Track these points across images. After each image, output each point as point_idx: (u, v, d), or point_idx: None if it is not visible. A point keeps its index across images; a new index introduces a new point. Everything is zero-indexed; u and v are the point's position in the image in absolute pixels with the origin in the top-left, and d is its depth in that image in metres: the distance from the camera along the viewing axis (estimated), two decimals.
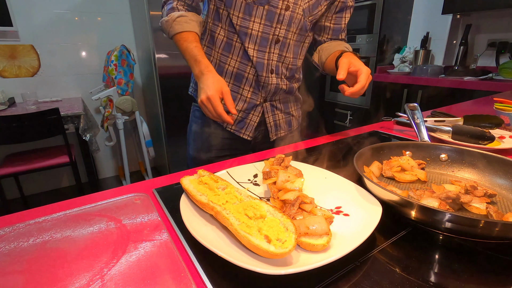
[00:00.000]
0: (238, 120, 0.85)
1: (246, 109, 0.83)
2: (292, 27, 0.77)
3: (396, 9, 2.59)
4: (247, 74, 0.80)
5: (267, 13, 0.74)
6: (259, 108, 0.84)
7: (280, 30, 0.77)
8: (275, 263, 0.33)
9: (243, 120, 0.85)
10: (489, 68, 2.29)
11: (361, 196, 0.45)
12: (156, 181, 0.58)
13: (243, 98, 0.83)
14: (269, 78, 0.80)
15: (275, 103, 0.87)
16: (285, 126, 0.92)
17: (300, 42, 0.83)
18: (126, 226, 0.42)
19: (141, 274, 0.33)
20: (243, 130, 0.86)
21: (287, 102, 0.92)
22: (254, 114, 0.85)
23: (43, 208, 0.48)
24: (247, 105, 0.83)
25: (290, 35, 0.79)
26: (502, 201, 0.48)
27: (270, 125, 0.88)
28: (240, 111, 0.84)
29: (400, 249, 0.37)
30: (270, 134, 0.90)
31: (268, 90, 0.82)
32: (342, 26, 0.90)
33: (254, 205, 0.39)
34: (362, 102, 2.84)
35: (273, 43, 0.78)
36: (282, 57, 0.81)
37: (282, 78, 0.84)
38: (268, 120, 0.87)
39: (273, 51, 0.79)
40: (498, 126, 0.82)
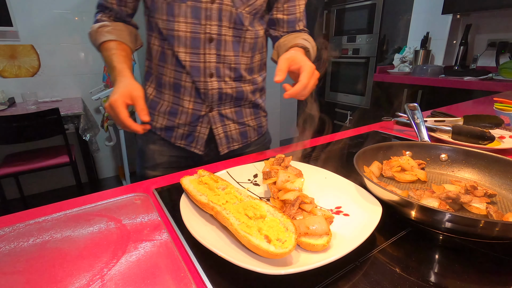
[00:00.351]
0: (186, 134, 0.76)
1: (191, 121, 0.75)
2: (224, 21, 0.67)
3: (396, 9, 2.59)
4: (184, 82, 0.71)
5: (191, 10, 0.65)
6: (206, 119, 0.75)
7: (211, 27, 0.67)
8: (275, 263, 0.33)
9: (191, 134, 0.76)
10: (489, 68, 2.29)
11: (361, 196, 0.45)
12: (156, 181, 0.58)
13: (185, 110, 0.74)
14: (209, 83, 0.71)
15: (224, 111, 0.76)
16: (239, 138, 0.81)
17: (239, 37, 0.71)
18: (126, 226, 0.42)
19: (141, 274, 0.33)
20: (194, 144, 0.77)
21: (241, 110, 0.80)
22: (202, 126, 0.75)
23: (43, 208, 0.48)
24: (191, 117, 0.74)
25: (224, 31, 0.68)
26: (502, 201, 0.48)
27: (219, 137, 0.78)
28: (186, 125, 0.75)
29: (400, 249, 0.37)
30: (219, 147, 0.79)
31: (211, 97, 0.72)
32: (296, 15, 0.78)
33: (254, 205, 0.39)
34: (362, 102, 2.84)
35: (206, 43, 0.68)
36: (221, 57, 0.70)
37: (226, 81, 0.73)
38: (216, 131, 0.77)
39: (208, 52, 0.69)
40: (498, 126, 0.82)
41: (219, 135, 0.78)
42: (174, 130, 0.76)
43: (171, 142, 0.78)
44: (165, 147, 0.79)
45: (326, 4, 3.01)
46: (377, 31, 2.57)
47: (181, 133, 0.76)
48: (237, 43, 0.72)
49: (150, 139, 0.80)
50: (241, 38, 0.72)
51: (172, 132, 0.77)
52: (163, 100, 0.75)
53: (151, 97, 0.77)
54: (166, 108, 0.75)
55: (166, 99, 0.75)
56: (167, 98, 0.75)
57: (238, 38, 0.72)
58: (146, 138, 0.80)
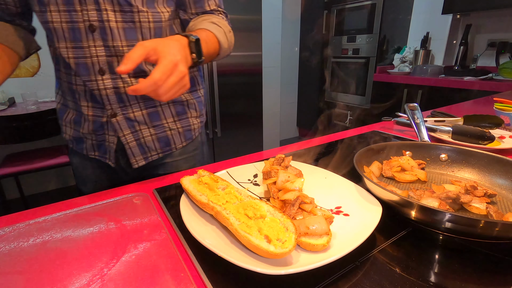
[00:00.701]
0: (97, 145, 0.66)
1: (94, 130, 0.64)
2: (103, 4, 0.54)
3: (396, 9, 2.59)
4: (75, 85, 0.60)
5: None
6: (111, 126, 0.63)
7: (89, 13, 0.54)
8: (275, 263, 0.33)
9: (101, 144, 0.66)
10: (489, 68, 2.29)
11: (361, 196, 0.45)
12: (156, 181, 0.58)
13: (86, 118, 0.63)
14: (100, 81, 0.58)
15: (132, 115, 0.63)
16: (157, 146, 0.68)
17: (131, 22, 0.57)
18: (126, 226, 0.42)
19: (141, 274, 0.33)
20: (107, 156, 0.66)
21: (157, 111, 0.66)
22: (109, 135, 0.64)
23: (43, 208, 0.48)
24: (93, 125, 0.63)
25: (107, 15, 0.55)
26: (502, 201, 0.48)
27: (129, 146, 0.64)
28: (91, 134, 0.65)
29: (400, 249, 0.37)
30: (131, 159, 0.66)
31: (106, 99, 0.60)
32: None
33: (254, 205, 0.39)
34: (362, 102, 2.84)
35: (88, 33, 0.55)
36: (111, 48, 0.57)
37: (123, 78, 0.60)
38: (125, 140, 0.64)
39: (93, 44, 0.56)
40: (498, 126, 0.82)
41: (129, 144, 0.65)
42: (83, 141, 0.67)
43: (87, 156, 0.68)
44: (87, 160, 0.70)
45: (326, 4, 3.01)
46: (377, 31, 2.57)
47: (91, 143, 0.66)
48: (130, 30, 0.58)
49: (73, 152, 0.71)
50: (135, 23, 0.58)
51: (82, 143, 0.67)
52: (68, 107, 0.66)
53: (59, 105, 0.68)
54: (72, 116, 0.66)
55: (70, 106, 0.65)
56: (71, 105, 0.64)
57: (130, 23, 0.57)
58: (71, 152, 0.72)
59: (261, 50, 2.43)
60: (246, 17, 2.27)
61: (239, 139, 2.56)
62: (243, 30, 2.29)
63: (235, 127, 2.51)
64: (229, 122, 2.45)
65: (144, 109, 0.65)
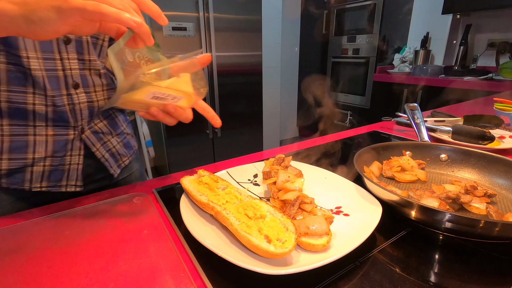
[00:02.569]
0: (47, 172, 0.55)
1: (55, 152, 0.55)
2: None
3: (396, 9, 2.59)
4: (31, 105, 0.51)
5: None
6: (78, 144, 0.57)
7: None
8: (275, 263, 0.33)
9: (56, 169, 0.56)
10: (489, 68, 2.29)
11: (361, 196, 0.45)
12: (156, 181, 0.58)
13: (41, 140, 0.53)
14: (75, 96, 0.54)
15: (97, 127, 0.61)
16: (126, 151, 0.68)
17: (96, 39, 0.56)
18: (126, 226, 0.42)
19: (141, 274, 0.33)
20: (64, 182, 0.57)
21: (114, 119, 0.65)
22: (72, 155, 0.57)
23: (43, 208, 0.48)
24: (53, 146, 0.54)
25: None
26: (502, 201, 0.48)
27: (104, 158, 0.62)
28: (46, 158, 0.54)
29: (400, 249, 0.37)
30: (110, 170, 0.64)
31: (79, 114, 0.55)
32: None
33: (254, 205, 0.39)
34: (362, 102, 2.85)
35: (61, 44, 0.51)
36: (86, 62, 0.55)
37: (97, 92, 0.58)
38: (99, 154, 0.61)
39: (66, 56, 0.52)
40: (498, 126, 0.82)
41: (104, 157, 0.62)
42: (25, 172, 0.53)
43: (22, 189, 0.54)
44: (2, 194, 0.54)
45: (326, 4, 3.02)
46: (377, 31, 2.57)
47: (40, 172, 0.55)
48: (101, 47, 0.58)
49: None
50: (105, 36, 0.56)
51: (23, 175, 0.53)
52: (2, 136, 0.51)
53: None
54: (1, 144, 0.51)
55: (7, 133, 0.51)
56: (9, 131, 0.51)
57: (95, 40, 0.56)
58: None
59: (261, 50, 2.43)
60: (246, 17, 2.27)
61: (239, 139, 2.57)
62: (243, 30, 2.29)
63: (235, 127, 2.51)
64: (229, 122, 2.46)
65: (104, 119, 0.63)
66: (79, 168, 0.58)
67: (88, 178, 0.63)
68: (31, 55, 0.48)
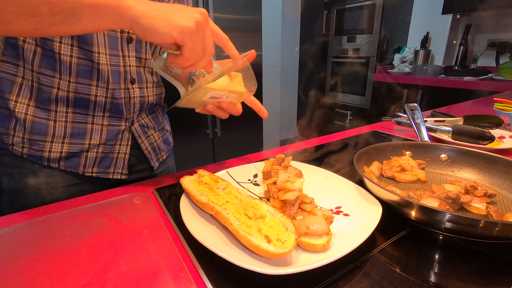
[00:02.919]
0: (100, 158, 0.61)
1: (107, 140, 0.61)
2: None
3: (396, 9, 2.59)
4: (93, 96, 0.56)
5: None
6: (127, 134, 0.63)
7: None
8: (275, 263, 0.33)
9: (106, 156, 0.62)
10: (489, 68, 2.29)
11: (361, 196, 0.45)
12: (156, 181, 0.58)
13: (97, 128, 0.59)
14: (130, 90, 0.59)
15: (144, 121, 0.67)
16: (164, 147, 0.74)
17: None
18: (126, 226, 0.42)
19: (141, 274, 0.33)
20: (111, 169, 0.63)
21: (157, 116, 0.72)
22: (121, 144, 0.63)
23: (43, 208, 0.48)
24: (107, 135, 0.60)
25: None
26: (502, 201, 0.48)
27: (147, 151, 0.68)
28: (100, 145, 0.60)
29: (400, 249, 0.37)
30: (151, 163, 0.70)
31: (132, 107, 0.61)
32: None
33: (254, 205, 0.39)
34: (362, 102, 2.85)
35: (124, 43, 0.56)
36: (142, 60, 0.61)
37: (148, 88, 0.64)
38: (143, 146, 0.67)
39: (127, 54, 0.57)
40: (498, 126, 0.82)
41: (147, 149, 0.68)
42: (81, 157, 0.59)
43: (75, 173, 0.60)
44: (56, 176, 0.59)
45: (326, 4, 3.02)
46: (377, 31, 2.57)
47: (93, 157, 0.60)
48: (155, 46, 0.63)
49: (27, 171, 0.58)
50: None
51: (78, 159, 0.59)
52: (56, 120, 0.56)
53: (30, 118, 0.54)
54: (65, 130, 0.56)
55: (62, 119, 0.56)
56: (63, 117, 0.56)
57: None
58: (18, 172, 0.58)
59: (261, 50, 2.43)
60: (246, 17, 2.27)
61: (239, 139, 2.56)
62: (243, 30, 2.29)
63: (235, 127, 2.51)
64: (229, 122, 2.45)
65: (149, 114, 0.69)
66: (126, 157, 0.64)
67: (132, 168, 0.68)
68: (101, 51, 0.53)
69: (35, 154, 0.56)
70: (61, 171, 0.59)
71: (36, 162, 0.57)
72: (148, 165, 0.71)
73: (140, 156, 0.69)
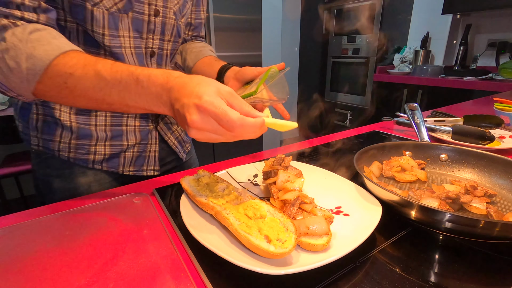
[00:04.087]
0: (136, 157, 0.68)
1: (141, 140, 0.67)
2: (166, 35, 0.64)
3: (396, 9, 2.59)
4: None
5: (132, 22, 0.57)
6: (154, 133, 0.69)
7: (154, 41, 0.62)
8: (275, 263, 0.33)
9: (140, 155, 0.68)
10: (489, 68, 2.29)
11: (361, 196, 0.45)
12: (156, 181, 0.58)
13: (130, 129, 0.65)
14: None
15: (167, 118, 0.73)
16: (187, 138, 0.82)
17: (174, 50, 0.70)
18: (126, 226, 0.42)
19: (141, 274, 0.33)
20: (145, 167, 0.70)
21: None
22: (151, 143, 0.69)
23: (43, 208, 0.48)
24: (140, 135, 0.66)
25: (165, 45, 0.66)
26: (502, 201, 0.48)
27: (175, 145, 0.75)
28: (135, 145, 0.66)
29: (400, 249, 0.37)
30: (180, 155, 0.77)
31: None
32: (201, 20, 0.79)
33: (254, 205, 0.39)
34: (362, 102, 2.85)
35: (148, 57, 0.63)
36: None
37: None
38: (170, 141, 0.74)
39: (151, 66, 0.65)
40: (498, 126, 0.82)
41: (174, 144, 0.75)
42: (120, 157, 0.65)
43: (115, 172, 0.66)
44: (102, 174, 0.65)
45: (326, 4, 3.01)
46: (377, 31, 2.57)
47: (130, 157, 0.67)
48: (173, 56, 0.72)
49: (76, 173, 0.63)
50: (175, 50, 0.71)
51: (118, 159, 0.65)
52: (97, 125, 0.61)
53: (74, 124, 0.58)
54: (105, 133, 0.62)
55: (101, 123, 0.61)
56: (103, 121, 0.61)
57: (174, 50, 0.70)
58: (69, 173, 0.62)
59: (261, 50, 2.43)
60: (246, 17, 2.27)
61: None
62: (243, 30, 2.28)
63: None
64: None
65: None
66: (156, 155, 0.70)
67: (162, 161, 0.74)
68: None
69: (81, 157, 0.61)
70: (104, 171, 0.65)
71: (82, 165, 0.62)
72: (176, 156, 0.78)
73: (168, 150, 0.75)
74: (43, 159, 0.62)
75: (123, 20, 0.56)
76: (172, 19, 0.64)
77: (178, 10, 0.65)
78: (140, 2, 0.57)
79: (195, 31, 0.80)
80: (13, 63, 0.39)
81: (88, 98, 0.42)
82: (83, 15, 0.51)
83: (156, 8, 0.60)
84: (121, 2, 0.53)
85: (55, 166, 0.62)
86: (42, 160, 0.62)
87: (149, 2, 0.58)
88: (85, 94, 0.42)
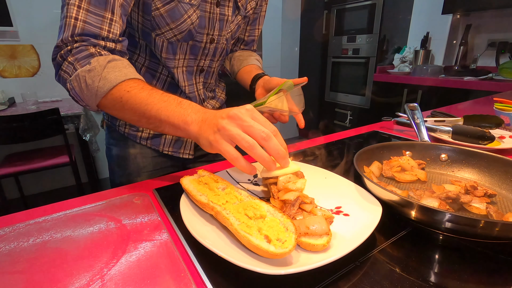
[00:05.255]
0: (174, 140, 0.79)
1: None
2: (216, 56, 0.77)
3: (396, 9, 2.59)
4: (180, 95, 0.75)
5: (191, 48, 0.70)
6: None
7: (205, 62, 0.75)
8: (275, 263, 0.33)
9: (179, 139, 0.80)
10: (489, 68, 2.29)
11: (361, 196, 0.45)
12: (156, 181, 0.58)
13: None
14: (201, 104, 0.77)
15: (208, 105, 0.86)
16: None
17: (220, 64, 0.83)
18: (126, 226, 0.42)
19: (141, 274, 0.33)
20: (182, 150, 0.81)
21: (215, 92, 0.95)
22: None
23: (43, 208, 0.48)
24: None
25: (214, 64, 0.78)
26: (502, 201, 0.48)
27: None
28: None
29: (400, 249, 0.37)
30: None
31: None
32: (255, 38, 0.91)
33: (254, 205, 0.39)
34: (362, 102, 2.84)
35: (197, 73, 0.76)
36: (207, 84, 0.81)
37: (208, 102, 0.84)
38: None
39: (198, 81, 0.77)
40: (498, 126, 0.82)
41: None
42: (161, 138, 0.78)
43: (157, 150, 0.79)
44: (146, 149, 0.79)
45: (326, 4, 3.01)
46: (377, 31, 2.57)
47: (170, 139, 0.79)
48: (217, 73, 0.85)
49: (128, 144, 0.79)
50: (221, 63, 0.84)
51: (159, 139, 0.78)
52: None
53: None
54: None
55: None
56: None
57: (220, 65, 0.83)
58: (123, 144, 0.79)
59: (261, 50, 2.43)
60: None
61: None
62: None
63: None
64: None
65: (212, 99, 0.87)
66: (192, 141, 0.80)
67: (198, 146, 0.83)
68: (185, 84, 0.74)
69: (133, 133, 0.76)
70: (148, 147, 0.78)
71: (132, 139, 0.77)
72: None
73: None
74: (110, 130, 0.80)
75: (182, 47, 0.69)
76: (223, 44, 0.76)
77: (230, 36, 0.77)
78: (200, 33, 0.68)
79: (247, 46, 0.92)
80: (91, 81, 0.49)
81: (134, 111, 0.50)
82: (149, 40, 0.66)
83: (212, 37, 0.71)
84: (180, 35, 0.65)
85: (115, 137, 0.79)
86: (109, 131, 0.80)
87: (207, 33, 0.69)
88: (133, 108, 0.50)
